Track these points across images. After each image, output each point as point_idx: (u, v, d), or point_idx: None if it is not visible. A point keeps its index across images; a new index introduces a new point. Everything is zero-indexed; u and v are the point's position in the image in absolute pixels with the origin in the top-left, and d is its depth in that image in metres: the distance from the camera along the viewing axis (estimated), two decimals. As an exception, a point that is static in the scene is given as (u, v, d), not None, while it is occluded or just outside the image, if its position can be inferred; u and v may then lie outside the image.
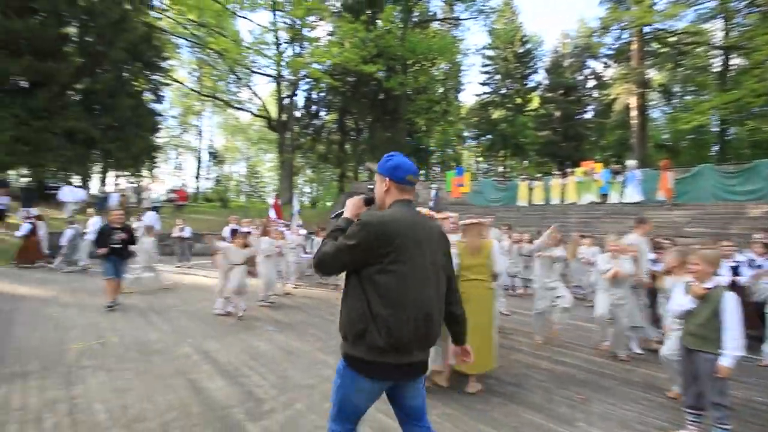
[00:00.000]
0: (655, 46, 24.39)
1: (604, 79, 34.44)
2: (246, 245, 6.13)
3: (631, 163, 14.96)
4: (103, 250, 5.97)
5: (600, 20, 23.84)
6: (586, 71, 36.14)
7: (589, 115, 35.74)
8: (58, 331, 4.90)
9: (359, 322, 1.66)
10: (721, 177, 12.03)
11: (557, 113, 33.78)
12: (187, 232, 11.72)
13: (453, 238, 3.33)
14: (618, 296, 4.48)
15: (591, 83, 35.87)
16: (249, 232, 7.08)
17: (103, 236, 6.09)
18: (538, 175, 18.20)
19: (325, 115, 30.63)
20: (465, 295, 2.66)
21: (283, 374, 3.79)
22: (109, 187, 18.29)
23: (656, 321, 4.81)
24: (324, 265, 1.75)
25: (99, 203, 17.51)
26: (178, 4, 19.23)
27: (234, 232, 10.85)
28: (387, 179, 1.84)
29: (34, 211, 12.08)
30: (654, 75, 26.81)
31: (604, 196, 14.77)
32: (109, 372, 3.66)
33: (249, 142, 41.47)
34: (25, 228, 10.60)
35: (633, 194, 13.43)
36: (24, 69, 16.38)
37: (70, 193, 16.07)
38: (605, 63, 34.56)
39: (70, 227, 10.72)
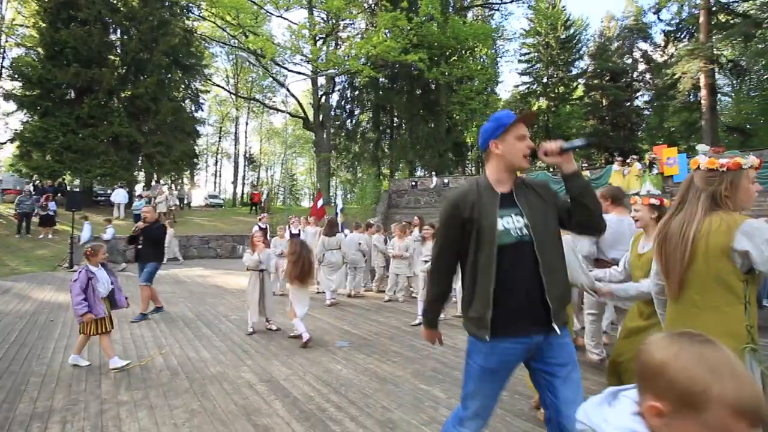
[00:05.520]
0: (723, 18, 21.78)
1: (660, 60, 32.15)
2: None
3: (702, 147, 13.23)
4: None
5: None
6: (636, 54, 34.24)
7: (641, 101, 33.60)
8: (94, 349, 4.05)
9: None
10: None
11: (604, 101, 31.81)
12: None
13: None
14: None
15: (641, 66, 33.82)
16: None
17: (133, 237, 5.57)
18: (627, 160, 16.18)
19: (359, 113, 29.83)
20: None
21: (385, 417, 2.68)
22: (150, 191, 18.19)
23: None
24: None
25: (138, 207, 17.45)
26: (215, 6, 19.00)
27: (293, 235, 9.93)
28: None
29: None
30: (724, 51, 23.97)
31: (678, 184, 13.36)
32: (151, 410, 2.72)
33: (284, 145, 41.53)
34: None
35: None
36: (71, 77, 16.55)
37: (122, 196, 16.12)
38: (661, 42, 32.04)
39: (108, 227, 10.55)
